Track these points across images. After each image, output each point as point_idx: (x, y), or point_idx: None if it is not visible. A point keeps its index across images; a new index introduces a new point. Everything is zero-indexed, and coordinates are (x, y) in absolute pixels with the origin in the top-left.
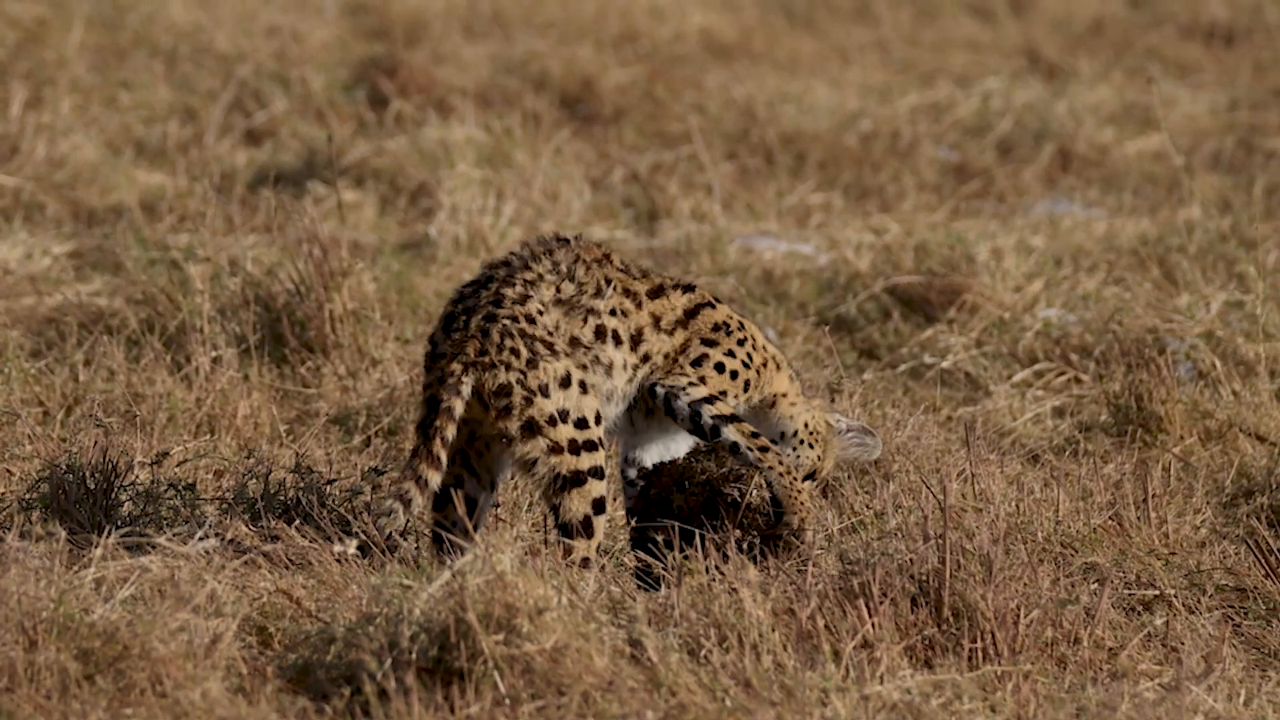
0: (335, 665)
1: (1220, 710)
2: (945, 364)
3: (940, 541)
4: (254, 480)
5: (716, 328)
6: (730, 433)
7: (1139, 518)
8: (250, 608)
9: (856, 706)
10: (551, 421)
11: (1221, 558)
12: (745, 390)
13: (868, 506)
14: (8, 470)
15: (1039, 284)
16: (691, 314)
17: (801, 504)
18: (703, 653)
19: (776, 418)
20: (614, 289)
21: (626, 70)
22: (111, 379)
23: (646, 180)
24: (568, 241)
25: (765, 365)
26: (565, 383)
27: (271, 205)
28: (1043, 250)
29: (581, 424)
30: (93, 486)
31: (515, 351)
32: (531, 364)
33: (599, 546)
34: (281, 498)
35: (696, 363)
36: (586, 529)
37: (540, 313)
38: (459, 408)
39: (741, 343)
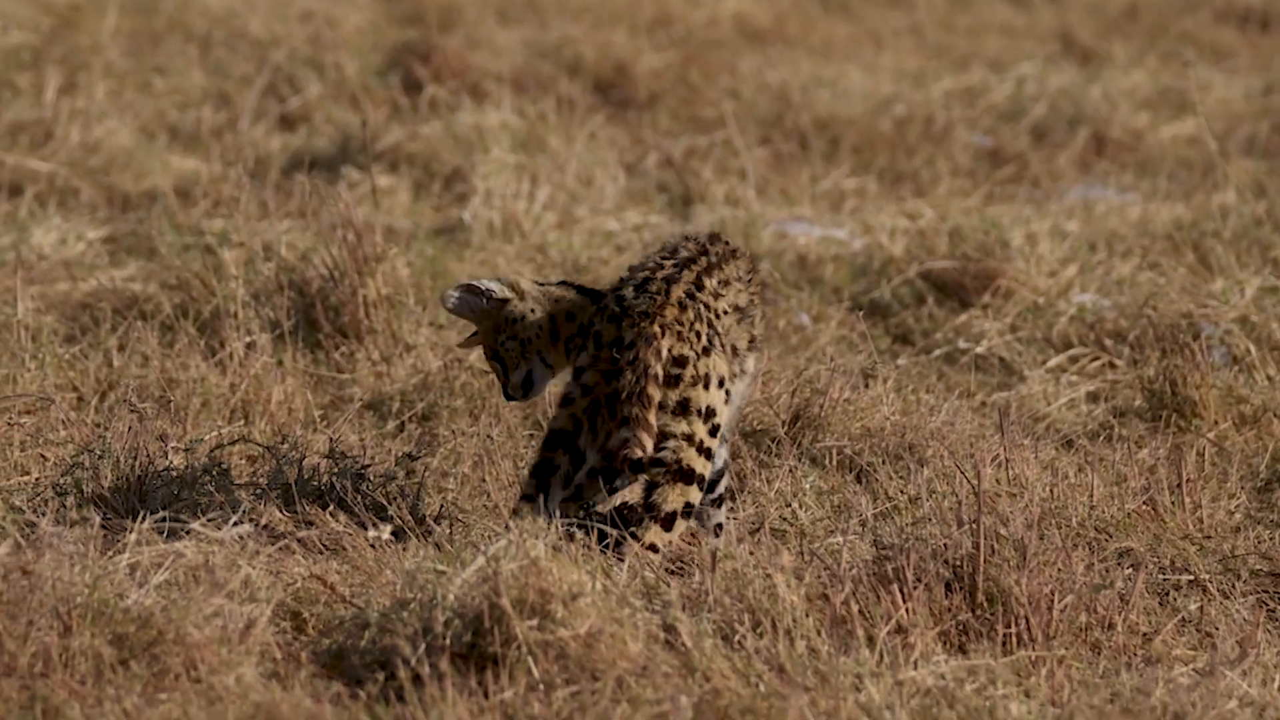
0: (369, 650)
1: (1254, 695)
2: (979, 349)
3: (974, 526)
4: (288, 465)
5: None
6: None
7: (1173, 503)
8: (284, 593)
9: (890, 692)
10: (700, 413)
11: (1256, 542)
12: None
13: (902, 491)
14: (42, 455)
15: (1073, 269)
16: None
17: None
18: (736, 638)
19: None
20: (756, 303)
21: (661, 55)
22: (145, 364)
23: (681, 165)
24: (734, 250)
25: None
26: (720, 384)
27: (305, 190)
28: (1077, 235)
29: (714, 431)
30: (127, 472)
31: (699, 334)
32: (706, 352)
33: (669, 544)
34: (315, 483)
35: None
36: (669, 523)
37: (725, 313)
38: (660, 372)
39: None
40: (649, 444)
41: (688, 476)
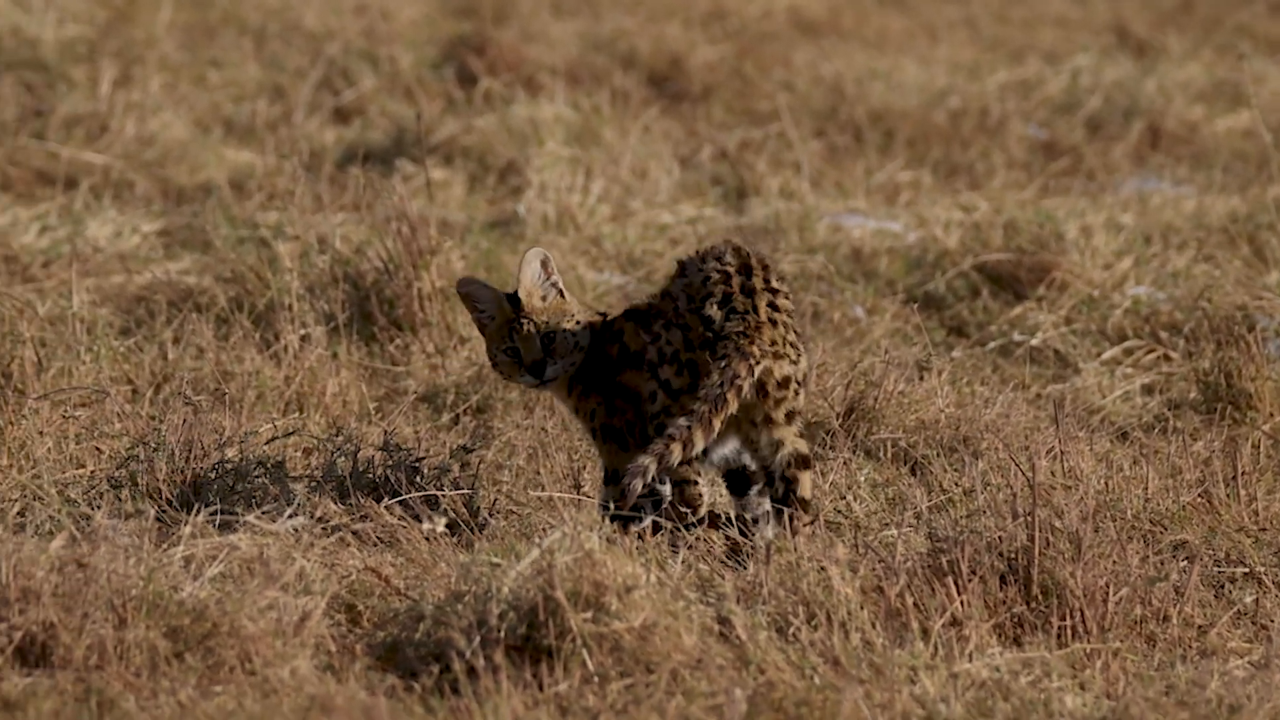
0: (424, 643)
1: None
2: (1034, 341)
3: (1029, 519)
4: (343, 458)
5: None
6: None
7: (1228, 495)
8: (339, 585)
9: (945, 684)
10: (798, 416)
11: None
12: None
13: (956, 484)
14: (97, 448)
15: (1128, 261)
16: None
17: None
18: (791, 630)
19: None
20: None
21: (715, 48)
22: (200, 357)
23: (735, 158)
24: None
25: None
26: (804, 382)
27: (360, 183)
28: (1132, 228)
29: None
30: (181, 464)
31: (792, 345)
32: (796, 361)
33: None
34: (370, 476)
35: None
36: (809, 505)
37: (790, 316)
38: (748, 388)
39: None
40: (700, 443)
41: (806, 462)
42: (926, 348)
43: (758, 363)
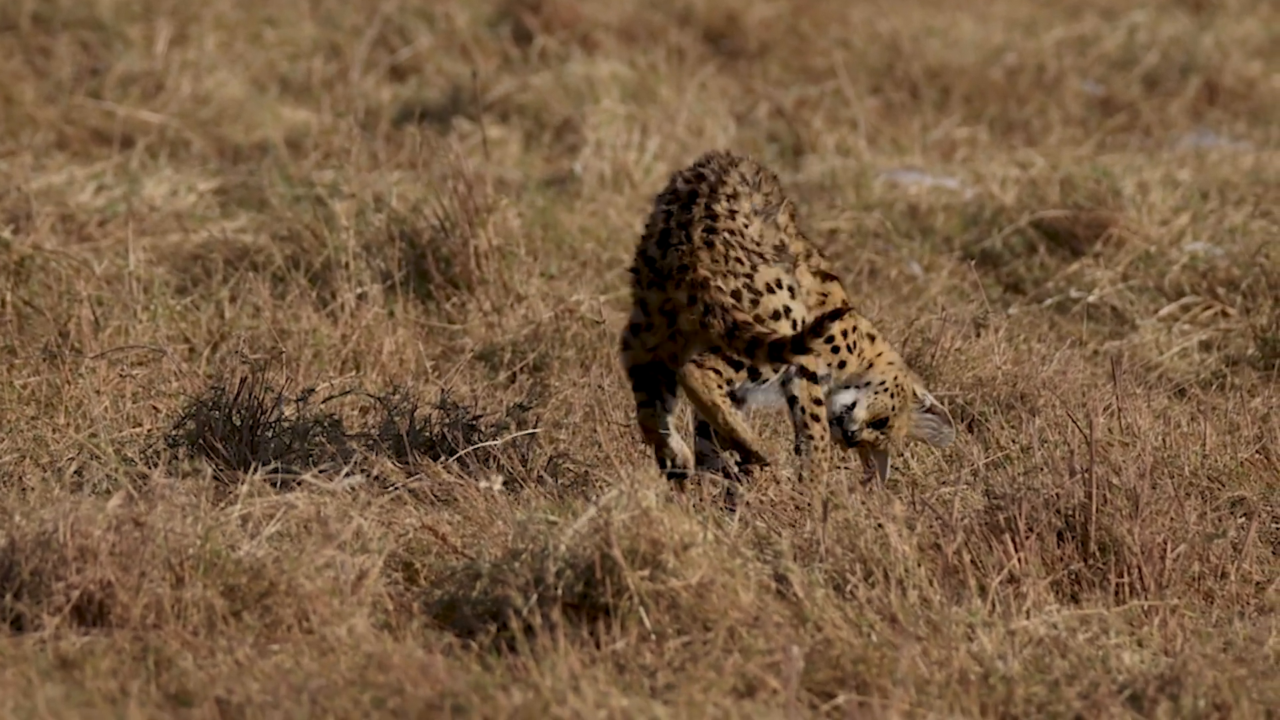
0: (481, 601)
1: None
2: (1091, 298)
3: (1086, 476)
4: (399, 417)
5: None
6: (798, 387)
7: None
8: (396, 544)
9: (1003, 641)
10: (774, 315)
11: None
12: (839, 367)
13: (1014, 441)
14: (154, 407)
15: (1185, 217)
16: (826, 278)
17: (819, 476)
18: (848, 588)
19: (872, 374)
20: (784, 207)
21: (771, 5)
22: (257, 315)
23: (791, 115)
24: (741, 158)
25: (858, 343)
26: (778, 285)
27: (416, 141)
28: (1189, 184)
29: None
30: (238, 423)
31: (740, 260)
32: (753, 272)
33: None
34: (427, 434)
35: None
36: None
37: (746, 225)
38: (732, 300)
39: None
40: (735, 380)
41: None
42: (983, 305)
43: (714, 282)
